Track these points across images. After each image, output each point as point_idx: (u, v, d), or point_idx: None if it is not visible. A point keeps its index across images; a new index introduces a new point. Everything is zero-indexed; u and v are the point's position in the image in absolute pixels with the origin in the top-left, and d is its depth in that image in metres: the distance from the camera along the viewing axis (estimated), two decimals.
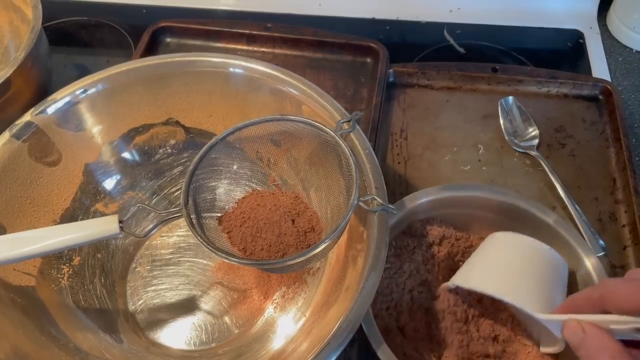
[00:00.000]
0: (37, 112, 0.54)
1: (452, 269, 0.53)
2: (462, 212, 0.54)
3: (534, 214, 0.51)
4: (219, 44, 0.78)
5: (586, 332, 0.34)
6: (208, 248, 0.45)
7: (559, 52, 0.80)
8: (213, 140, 0.50)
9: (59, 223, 0.56)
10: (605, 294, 0.34)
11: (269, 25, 0.77)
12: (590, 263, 0.47)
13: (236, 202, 0.55)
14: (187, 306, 0.57)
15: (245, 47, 0.78)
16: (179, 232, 0.62)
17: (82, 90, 0.56)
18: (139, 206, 0.49)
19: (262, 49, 0.77)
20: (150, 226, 0.49)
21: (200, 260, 0.60)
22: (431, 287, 0.52)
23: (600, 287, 0.35)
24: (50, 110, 0.55)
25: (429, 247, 0.54)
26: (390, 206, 0.46)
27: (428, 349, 0.49)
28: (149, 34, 0.77)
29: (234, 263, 0.46)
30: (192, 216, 0.48)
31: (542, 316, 0.40)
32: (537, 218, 0.51)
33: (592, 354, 0.33)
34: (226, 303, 0.57)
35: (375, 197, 0.46)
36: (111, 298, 0.57)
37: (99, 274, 0.57)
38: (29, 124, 0.54)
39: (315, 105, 0.53)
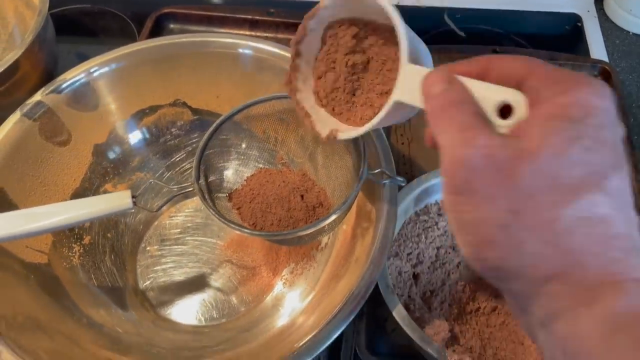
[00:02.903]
0: (47, 91, 0.55)
1: None
2: None
3: None
4: (222, 30, 0.79)
5: (452, 83, 0.28)
6: (221, 220, 0.46)
7: (558, 35, 0.81)
8: (223, 117, 0.51)
9: None
10: (489, 63, 0.28)
11: (272, 10, 0.78)
12: None
13: (245, 180, 0.56)
14: (197, 284, 0.58)
15: (248, 33, 0.78)
16: (186, 212, 0.62)
17: (91, 70, 0.56)
18: (150, 182, 0.50)
19: (265, 34, 0.78)
20: (162, 201, 0.50)
21: (209, 239, 0.60)
22: (460, 254, 0.53)
23: (487, 56, 0.29)
24: (60, 90, 0.55)
25: None
26: (399, 178, 0.47)
27: (435, 304, 0.50)
28: (153, 21, 0.78)
29: (246, 234, 0.47)
30: (204, 191, 0.49)
31: (409, 66, 0.31)
32: None
33: (444, 109, 0.27)
34: (236, 280, 0.57)
35: (385, 170, 0.47)
36: (122, 276, 0.57)
37: (109, 252, 0.58)
38: (39, 104, 0.54)
39: None
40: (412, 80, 0.31)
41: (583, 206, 0.24)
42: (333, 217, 0.46)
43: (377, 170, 0.47)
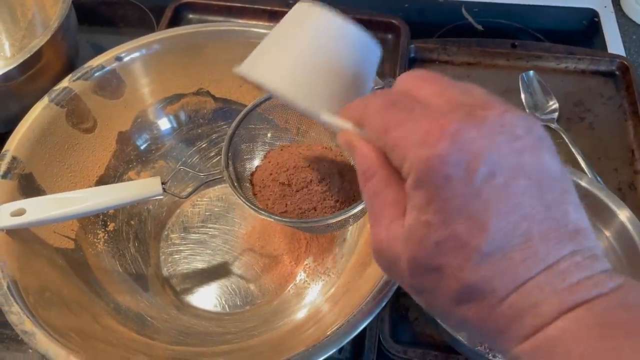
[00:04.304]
0: (74, 78, 0.55)
1: None
2: None
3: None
4: (240, 20, 0.79)
5: (356, 148, 0.27)
6: (250, 207, 0.46)
7: (575, 30, 0.81)
8: (252, 105, 0.51)
9: None
10: (364, 109, 0.27)
11: (291, 1, 0.78)
12: (624, 216, 0.49)
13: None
14: (220, 271, 0.58)
15: (266, 24, 0.78)
16: (207, 201, 0.63)
17: (118, 58, 0.57)
18: (179, 169, 0.50)
19: None
20: (190, 189, 0.50)
21: (231, 228, 0.61)
22: None
23: (366, 98, 0.28)
24: (87, 76, 0.56)
25: None
26: None
27: None
28: (172, 10, 0.78)
29: (275, 222, 0.47)
30: (233, 178, 0.49)
31: (326, 117, 0.30)
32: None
33: (360, 173, 0.27)
34: (258, 268, 0.58)
35: None
36: (145, 263, 0.58)
37: (133, 239, 0.58)
38: (66, 90, 0.55)
39: None
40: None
41: (462, 289, 0.23)
42: (362, 206, 0.46)
43: None
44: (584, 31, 0.81)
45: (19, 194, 0.50)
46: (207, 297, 0.57)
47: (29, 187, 0.51)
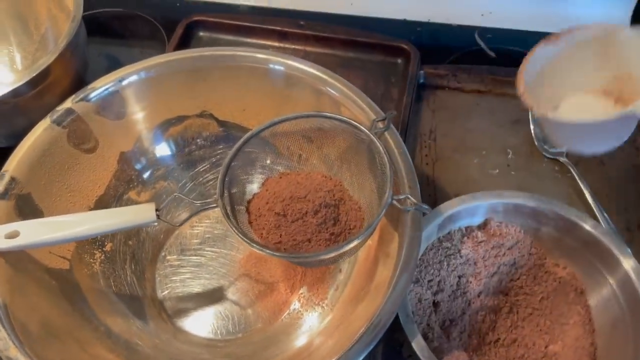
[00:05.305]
0: (77, 99, 0.55)
1: (511, 278, 0.54)
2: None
3: (571, 220, 0.52)
4: (251, 40, 0.79)
5: None
6: (244, 240, 0.46)
7: None
8: (249, 134, 0.51)
9: (93, 209, 0.57)
10: None
11: (302, 22, 0.78)
12: (628, 265, 0.47)
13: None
14: (215, 296, 0.58)
15: (277, 44, 0.78)
16: (207, 223, 0.62)
17: (121, 79, 0.57)
18: (175, 195, 0.50)
19: (294, 47, 0.78)
20: (185, 215, 0.50)
21: (228, 252, 0.60)
22: (481, 284, 0.53)
23: None
24: (90, 98, 0.56)
25: (497, 247, 0.54)
26: (424, 206, 0.46)
27: (454, 334, 0.50)
28: (183, 27, 0.78)
29: (268, 255, 0.47)
30: (227, 207, 0.49)
31: None
32: (573, 222, 0.52)
33: None
34: (253, 295, 0.57)
35: (409, 196, 0.47)
36: (140, 285, 0.58)
37: (130, 260, 0.58)
38: (69, 111, 0.55)
39: (353, 106, 0.54)
40: None
41: None
42: (354, 243, 0.45)
43: (402, 197, 0.47)
44: None
45: (15, 214, 0.50)
46: (200, 322, 0.56)
47: (27, 207, 0.51)
